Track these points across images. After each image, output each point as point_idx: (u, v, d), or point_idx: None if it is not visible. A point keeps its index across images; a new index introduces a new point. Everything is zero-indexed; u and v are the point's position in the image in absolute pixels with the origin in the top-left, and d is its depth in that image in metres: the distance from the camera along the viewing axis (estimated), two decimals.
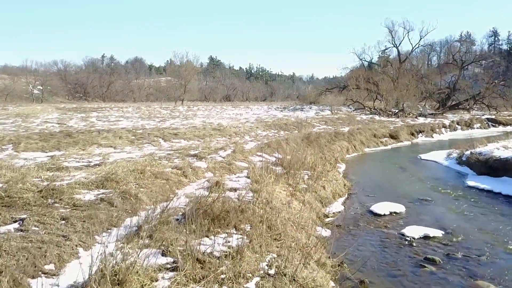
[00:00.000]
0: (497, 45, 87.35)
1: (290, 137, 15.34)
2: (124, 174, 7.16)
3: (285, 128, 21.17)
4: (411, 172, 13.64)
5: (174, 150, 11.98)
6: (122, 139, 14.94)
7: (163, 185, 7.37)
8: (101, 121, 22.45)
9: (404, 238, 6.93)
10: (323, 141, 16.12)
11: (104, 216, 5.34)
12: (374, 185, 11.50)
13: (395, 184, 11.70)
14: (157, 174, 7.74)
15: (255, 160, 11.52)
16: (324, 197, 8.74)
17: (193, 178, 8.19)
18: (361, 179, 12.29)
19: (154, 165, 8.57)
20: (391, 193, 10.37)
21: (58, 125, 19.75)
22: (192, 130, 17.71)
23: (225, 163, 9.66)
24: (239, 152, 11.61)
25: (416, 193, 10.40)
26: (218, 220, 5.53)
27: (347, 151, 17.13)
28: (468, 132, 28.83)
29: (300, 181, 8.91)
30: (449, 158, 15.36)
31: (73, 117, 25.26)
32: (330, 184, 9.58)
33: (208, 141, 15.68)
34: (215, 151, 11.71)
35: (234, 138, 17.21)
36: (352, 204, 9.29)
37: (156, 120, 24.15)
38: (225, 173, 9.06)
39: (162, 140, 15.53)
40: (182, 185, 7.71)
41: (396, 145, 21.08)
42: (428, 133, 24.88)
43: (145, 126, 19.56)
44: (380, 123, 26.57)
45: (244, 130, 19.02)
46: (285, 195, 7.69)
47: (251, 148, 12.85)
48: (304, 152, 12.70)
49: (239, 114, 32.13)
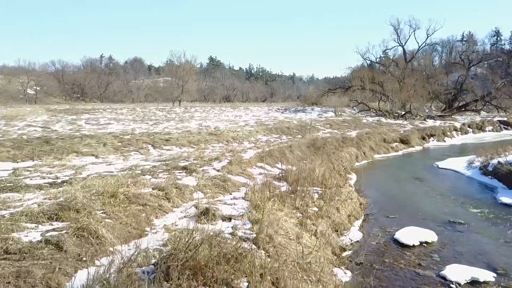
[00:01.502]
0: (500, 45, 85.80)
1: (294, 144, 13.79)
2: (88, 200, 5.61)
3: (287, 132, 19.62)
4: (430, 184, 12.09)
5: (161, 161, 10.44)
6: (107, 146, 13.41)
7: (138, 213, 5.83)
8: (90, 125, 20.90)
9: (447, 283, 5.39)
10: (330, 147, 14.57)
11: (42, 271, 3.79)
12: (392, 202, 9.96)
13: (416, 200, 10.15)
14: (132, 197, 6.19)
15: (255, 173, 9.98)
16: (339, 223, 7.19)
17: (177, 202, 6.63)
18: (376, 193, 10.75)
19: (133, 183, 7.03)
20: (414, 213, 8.82)
21: (41, 129, 18.22)
22: (186, 135, 16.17)
23: (219, 179, 8.11)
24: (236, 163, 10.07)
25: (443, 213, 8.86)
26: (203, 274, 4.00)
27: (356, 159, 15.58)
28: (480, 136, 27.36)
29: (309, 202, 7.37)
30: (471, 167, 13.81)
31: (62, 119, 23.74)
32: (345, 205, 8.03)
33: (203, 148, 14.15)
34: (209, 162, 10.17)
35: (231, 144, 15.68)
36: (371, 229, 7.74)
37: (149, 123, 22.60)
38: (218, 193, 7.52)
39: (151, 147, 14.01)
40: (162, 211, 6.16)
41: (407, 150, 19.53)
42: (440, 137, 23.33)
43: (135, 130, 18.02)
44: (388, 126, 25.03)
45: (243, 134, 17.48)
46: (293, 224, 6.14)
47: (251, 157, 11.31)
48: (312, 163, 11.17)
49: (238, 116, 30.59)
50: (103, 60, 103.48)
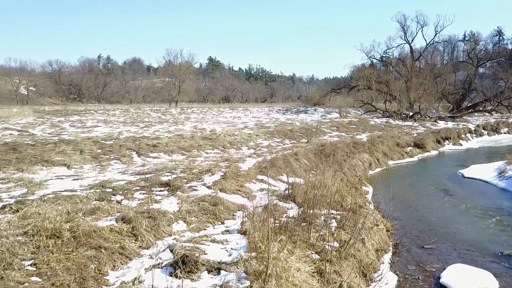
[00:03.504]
0: (502, 45, 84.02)
1: (300, 151, 11.99)
2: (12, 244, 3.83)
3: (290, 135, 17.83)
4: (460, 198, 10.30)
5: (142, 174, 8.65)
6: (84, 153, 11.61)
7: (87, 262, 4.04)
8: (74, 128, 19.11)
9: None
10: (341, 154, 12.78)
11: None
12: (422, 224, 8.17)
13: (451, 221, 8.36)
14: (83, 236, 4.40)
15: (254, 188, 8.19)
16: (367, 264, 5.40)
17: (148, 240, 4.83)
18: (401, 212, 8.95)
19: (91, 211, 5.26)
20: (455, 242, 7.04)
21: (18, 133, 16.42)
22: (177, 139, 14.37)
23: (209, 201, 6.30)
24: (232, 177, 8.28)
25: (491, 241, 7.07)
26: None
27: (369, 166, 13.78)
28: (496, 138, 25.60)
29: (327, 234, 5.58)
30: (503, 176, 12.02)
31: (47, 122, 21.94)
32: (371, 235, 6.23)
33: (195, 155, 12.36)
34: (199, 175, 8.39)
35: (228, 150, 13.90)
36: (406, 267, 5.95)
37: (140, 125, 20.81)
38: (206, 222, 5.72)
39: (136, 154, 12.22)
40: (124, 257, 4.36)
41: (422, 155, 17.73)
42: (455, 140, 21.53)
43: (122, 134, 16.23)
44: (398, 128, 23.26)
45: (242, 139, 15.68)
46: (309, 274, 4.36)
47: (250, 168, 9.52)
48: (322, 174, 9.40)
49: (237, 117, 28.82)
50: (101, 60, 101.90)
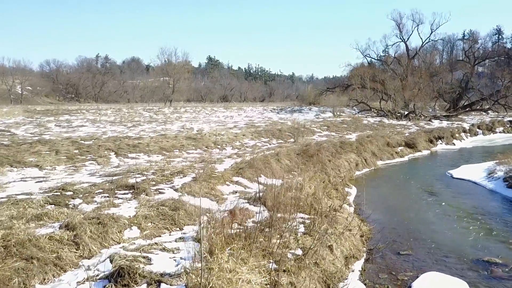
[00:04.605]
0: (501, 44, 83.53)
1: (282, 151, 11.63)
2: None
3: (278, 135, 17.48)
4: (446, 200, 9.94)
5: (111, 175, 8.31)
6: (59, 154, 11.28)
7: (13, 275, 3.69)
8: (60, 127, 18.78)
9: None
10: (326, 154, 12.43)
11: None
12: (403, 228, 7.80)
13: (433, 225, 8.00)
14: (16, 245, 4.06)
15: (227, 191, 7.85)
16: (331, 273, 5.04)
17: (92, 248, 4.48)
18: (382, 215, 8.61)
19: (35, 217, 4.92)
20: (434, 247, 6.69)
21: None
22: (160, 139, 14.02)
23: (169, 206, 5.95)
24: (205, 179, 7.94)
25: (472, 246, 6.73)
26: None
27: (356, 167, 13.43)
28: (491, 137, 25.25)
29: (291, 240, 5.23)
30: (492, 177, 11.67)
31: (34, 121, 21.60)
32: (341, 240, 5.88)
33: (175, 155, 12.03)
34: (170, 177, 8.05)
35: (212, 150, 13.57)
36: (377, 276, 5.60)
37: (128, 125, 20.47)
38: (163, 228, 5.37)
39: (114, 154, 11.88)
40: (58, 269, 4.01)
41: (413, 155, 17.36)
42: (448, 140, 21.16)
43: (106, 134, 15.92)
44: (391, 128, 22.89)
45: (228, 138, 15.33)
46: (259, 287, 4.01)
47: (226, 169, 9.17)
48: (302, 174, 9.06)
49: (230, 117, 28.47)
50: (99, 59, 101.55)
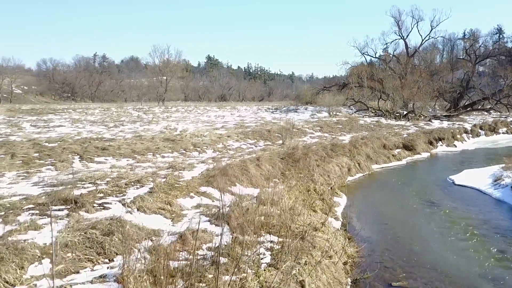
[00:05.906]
0: (502, 43, 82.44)
1: (264, 155, 10.41)
2: None
3: (267, 136, 16.27)
4: (448, 212, 8.75)
5: (56, 185, 7.10)
6: (15, 157, 10.08)
7: None
8: (34, 128, 17.56)
9: None
10: (314, 158, 11.22)
11: None
12: (398, 249, 6.61)
13: (432, 246, 6.81)
14: None
15: (188, 205, 6.65)
16: None
17: None
18: (373, 232, 7.42)
19: None
20: (431, 276, 5.50)
21: None
22: (134, 141, 12.82)
23: (102, 229, 4.73)
24: (163, 190, 6.74)
25: (482, 277, 5.54)
26: None
27: (348, 172, 12.23)
28: (494, 139, 24.06)
29: (249, 277, 4.04)
30: (498, 184, 10.48)
31: (12, 121, 20.38)
32: (316, 272, 4.68)
33: (145, 159, 10.82)
34: (125, 187, 6.86)
35: (190, 153, 12.36)
36: None
37: (109, 125, 19.26)
38: (85, 261, 4.14)
39: (79, 158, 10.68)
40: None
41: (412, 158, 16.17)
42: (449, 141, 19.96)
43: (80, 135, 14.73)
44: (388, 128, 21.68)
45: (210, 140, 14.13)
46: None
47: (194, 177, 7.97)
48: (285, 182, 7.88)
49: (221, 116, 27.24)
50: (96, 59, 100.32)
